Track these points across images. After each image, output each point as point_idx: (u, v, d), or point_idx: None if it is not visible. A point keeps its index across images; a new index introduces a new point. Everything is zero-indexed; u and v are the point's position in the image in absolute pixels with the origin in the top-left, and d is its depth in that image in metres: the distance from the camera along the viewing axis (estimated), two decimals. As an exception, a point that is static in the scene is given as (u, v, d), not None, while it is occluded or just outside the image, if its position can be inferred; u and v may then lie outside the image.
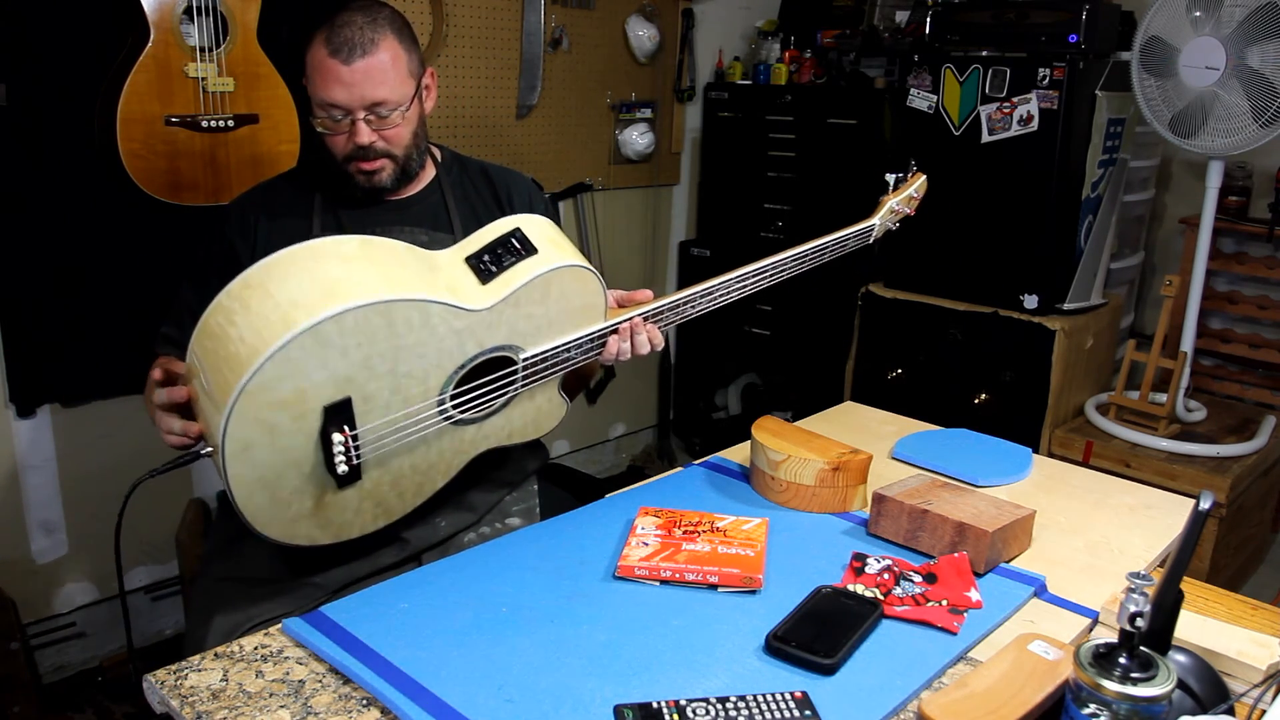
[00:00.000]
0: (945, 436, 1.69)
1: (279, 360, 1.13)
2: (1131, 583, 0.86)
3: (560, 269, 1.33)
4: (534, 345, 1.33)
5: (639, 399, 3.81)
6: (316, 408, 1.19)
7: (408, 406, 1.26)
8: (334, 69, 1.38)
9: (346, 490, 1.25)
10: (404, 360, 1.23)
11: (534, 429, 1.42)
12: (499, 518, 1.59)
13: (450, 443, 1.32)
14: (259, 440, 1.16)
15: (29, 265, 2.15)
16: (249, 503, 1.19)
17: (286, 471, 1.20)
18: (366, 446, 1.24)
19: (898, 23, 3.32)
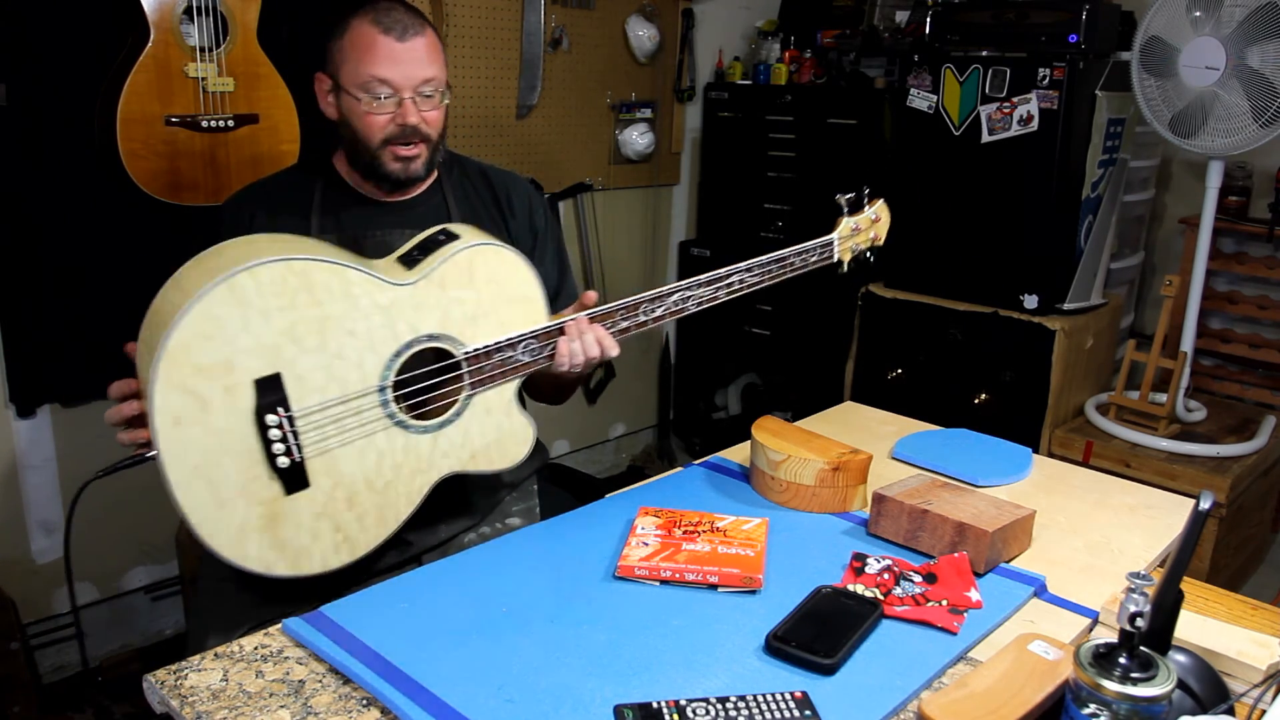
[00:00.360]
0: (945, 436, 1.69)
1: (198, 315, 1.13)
2: (1131, 583, 0.86)
3: (481, 245, 1.31)
4: (474, 338, 1.31)
5: (639, 399, 3.81)
6: (246, 380, 1.17)
7: (345, 390, 1.23)
8: (387, 45, 1.39)
9: (297, 500, 1.21)
10: (332, 335, 1.21)
11: (499, 453, 1.35)
12: (499, 518, 1.59)
13: (405, 457, 1.27)
14: (190, 414, 1.13)
15: (29, 265, 2.16)
16: (188, 494, 1.14)
17: (224, 461, 1.17)
18: (306, 435, 1.21)
19: (898, 23, 3.32)
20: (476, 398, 1.32)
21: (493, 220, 1.60)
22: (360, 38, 1.40)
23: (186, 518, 1.16)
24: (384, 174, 1.47)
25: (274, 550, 1.20)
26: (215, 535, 1.17)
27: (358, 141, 1.45)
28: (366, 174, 1.49)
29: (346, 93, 1.43)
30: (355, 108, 1.43)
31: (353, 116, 1.44)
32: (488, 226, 1.58)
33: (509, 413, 1.36)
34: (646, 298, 1.42)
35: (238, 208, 1.51)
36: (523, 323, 1.34)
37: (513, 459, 1.36)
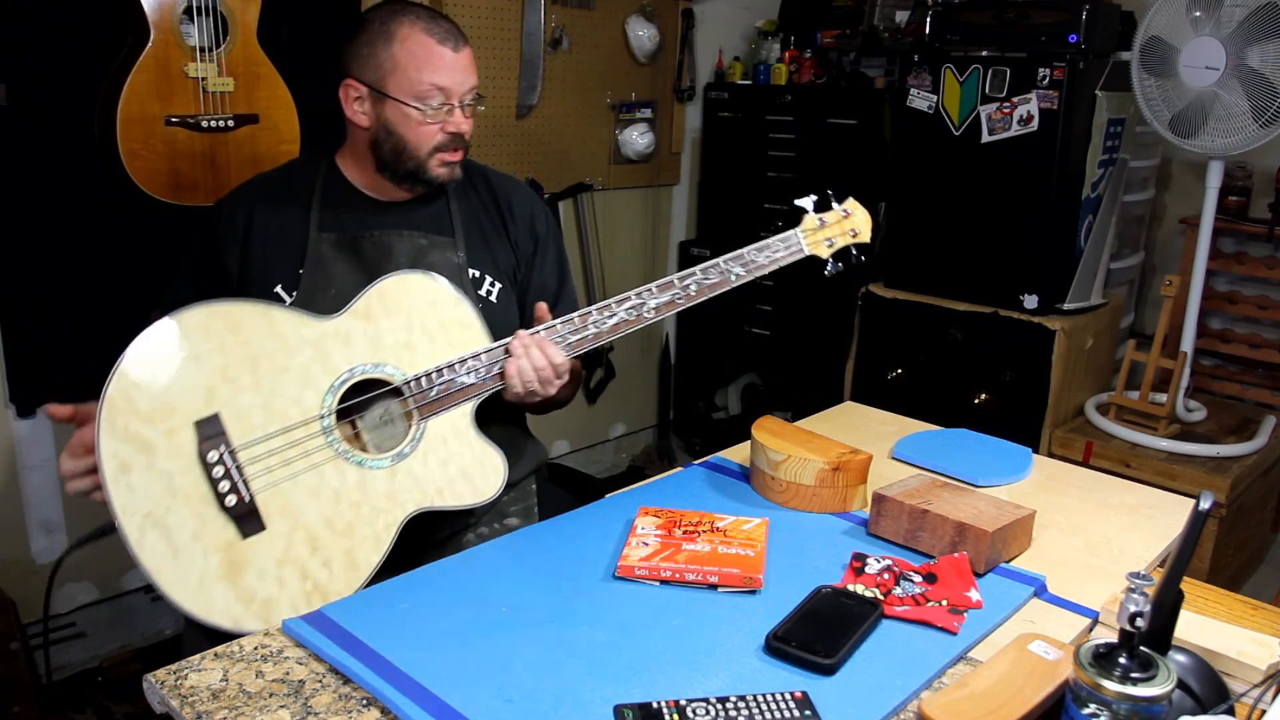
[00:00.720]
0: (945, 436, 1.69)
1: (131, 363, 1.20)
2: (1131, 583, 0.86)
3: (402, 274, 1.34)
4: (412, 366, 1.31)
5: (639, 399, 3.81)
6: (187, 423, 1.20)
7: (287, 425, 1.24)
8: (443, 55, 1.41)
9: (256, 544, 1.20)
10: (265, 373, 1.25)
11: (468, 487, 1.32)
12: (497, 518, 1.59)
13: (364, 494, 1.26)
14: (135, 460, 1.18)
15: (29, 265, 2.16)
16: (143, 545, 1.16)
17: (175, 505, 1.19)
18: (252, 472, 1.22)
19: (898, 23, 3.32)
20: (430, 428, 1.31)
21: (493, 224, 1.59)
22: (417, 46, 1.40)
23: (146, 570, 1.17)
24: (428, 179, 1.47)
25: (240, 602, 1.19)
26: (176, 587, 1.17)
27: (403, 149, 1.44)
28: (400, 178, 1.48)
29: (396, 101, 1.42)
30: (407, 117, 1.42)
31: (401, 125, 1.43)
32: (488, 230, 1.58)
33: (469, 441, 1.32)
34: (595, 309, 1.40)
35: (232, 212, 1.51)
36: (462, 346, 1.34)
37: (486, 493, 1.31)
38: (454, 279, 1.50)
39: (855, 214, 1.54)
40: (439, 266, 1.50)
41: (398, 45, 1.41)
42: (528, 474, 1.64)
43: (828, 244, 1.51)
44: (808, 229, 1.50)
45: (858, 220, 1.54)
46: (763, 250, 1.46)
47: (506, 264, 1.58)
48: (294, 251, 1.46)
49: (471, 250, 1.54)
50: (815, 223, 1.50)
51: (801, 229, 1.50)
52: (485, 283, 1.54)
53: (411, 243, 1.50)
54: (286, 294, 1.45)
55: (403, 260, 1.48)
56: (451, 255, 1.52)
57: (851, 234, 1.53)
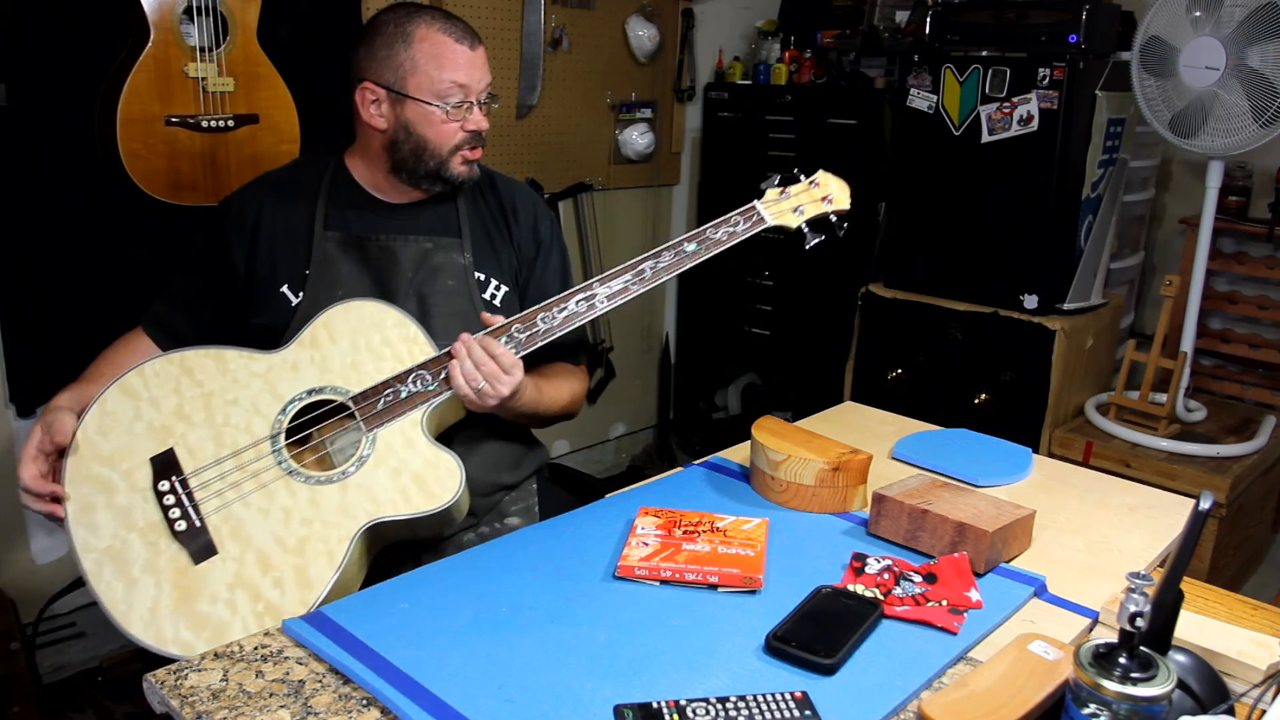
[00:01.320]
0: (945, 436, 1.69)
1: (96, 413, 1.28)
2: (1131, 583, 0.86)
3: (339, 305, 1.37)
4: (360, 384, 1.33)
5: (639, 399, 3.81)
6: (143, 461, 1.26)
7: (237, 450, 1.28)
8: (462, 53, 1.43)
9: (208, 570, 1.22)
10: (217, 408, 1.31)
11: (421, 493, 1.29)
12: (498, 518, 1.59)
13: (315, 510, 1.26)
14: (97, 500, 1.24)
15: (29, 265, 2.16)
16: (99, 579, 1.21)
17: (130, 538, 1.22)
18: (203, 498, 1.25)
19: (898, 23, 3.32)
20: (380, 439, 1.31)
21: (498, 227, 1.60)
22: (436, 46, 1.41)
23: (101, 604, 1.20)
24: (448, 178, 1.47)
25: (191, 628, 1.20)
26: (130, 618, 1.19)
27: (424, 149, 1.45)
28: (420, 179, 1.48)
29: (417, 101, 1.42)
30: (429, 116, 1.43)
31: (422, 125, 1.43)
32: (493, 233, 1.59)
33: (419, 448, 1.32)
34: (542, 307, 1.40)
35: (241, 210, 1.51)
36: (409, 361, 1.36)
37: (441, 497, 1.29)
38: (460, 280, 1.51)
39: (825, 182, 1.50)
40: (445, 268, 1.50)
41: (417, 46, 1.42)
42: (529, 475, 1.65)
43: (796, 212, 1.47)
44: (769, 200, 1.48)
45: (830, 188, 1.49)
46: (720, 225, 1.45)
47: (510, 266, 1.59)
48: (300, 251, 1.47)
49: (478, 252, 1.54)
50: (777, 194, 1.48)
51: (762, 200, 1.48)
52: (490, 285, 1.55)
53: (417, 246, 1.50)
54: (293, 294, 1.46)
55: (408, 263, 1.48)
56: (458, 256, 1.52)
57: (825, 200, 1.48)
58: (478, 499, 1.54)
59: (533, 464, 1.65)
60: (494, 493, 1.57)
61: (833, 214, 1.49)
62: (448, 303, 1.49)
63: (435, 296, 1.48)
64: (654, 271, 1.42)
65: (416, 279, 1.48)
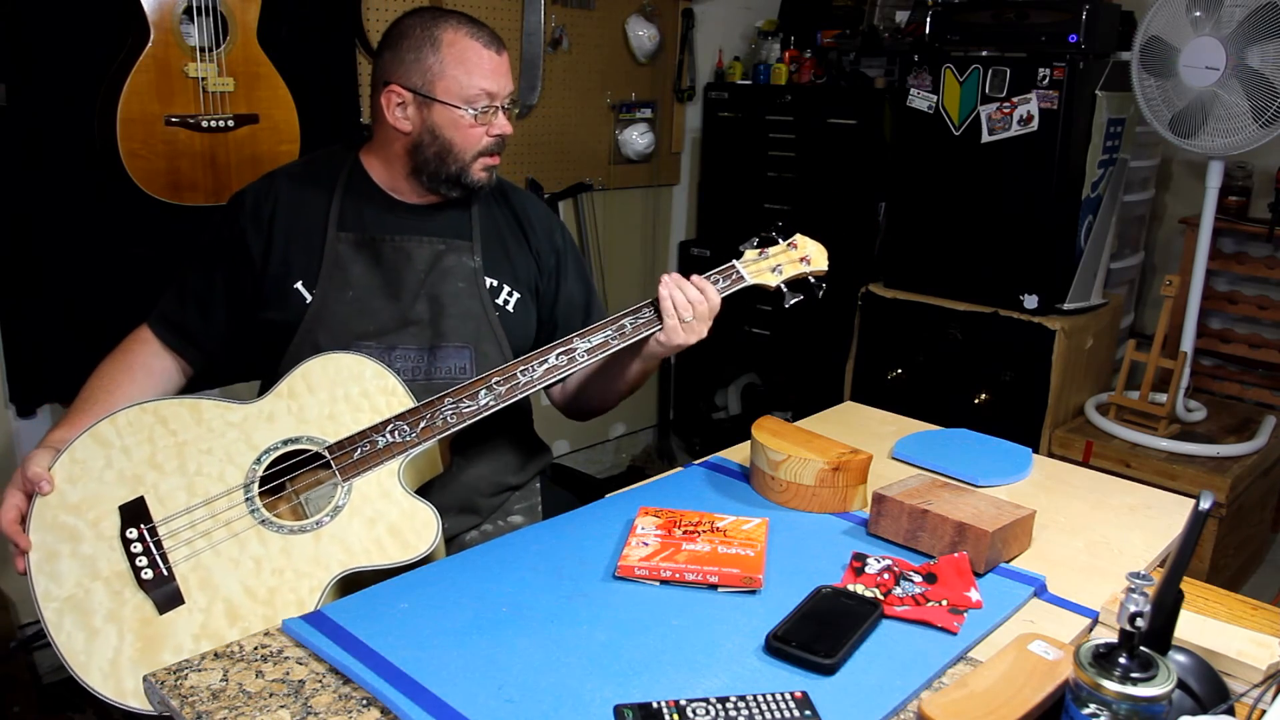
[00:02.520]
0: (945, 436, 1.69)
1: (65, 462, 1.26)
2: (1131, 583, 0.86)
3: (321, 356, 1.36)
4: (337, 434, 1.32)
5: (639, 399, 3.81)
6: (112, 509, 1.24)
7: (209, 498, 1.26)
8: (490, 58, 1.43)
9: (174, 620, 1.19)
10: (190, 457, 1.28)
11: (396, 543, 1.27)
12: (502, 515, 1.59)
13: (287, 560, 1.24)
14: (62, 548, 1.21)
15: (29, 265, 2.16)
16: (60, 629, 1.17)
17: (94, 587, 1.19)
18: (172, 546, 1.22)
19: (898, 23, 3.32)
20: (356, 489, 1.30)
21: (514, 235, 1.60)
22: (464, 51, 1.42)
23: (61, 655, 1.16)
24: (469, 183, 1.48)
25: None
26: (89, 670, 1.16)
27: (449, 153, 1.45)
28: (440, 183, 1.48)
29: (446, 105, 1.42)
30: (456, 121, 1.43)
31: (449, 129, 1.44)
32: (508, 240, 1.59)
33: (395, 499, 1.31)
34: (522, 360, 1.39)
35: (259, 195, 1.50)
36: (386, 412, 1.34)
37: (416, 548, 1.27)
38: (470, 283, 1.51)
39: (802, 245, 1.53)
40: (455, 270, 1.50)
41: (445, 50, 1.42)
42: (534, 475, 1.65)
43: (774, 272, 1.50)
44: (747, 260, 1.50)
45: (807, 250, 1.53)
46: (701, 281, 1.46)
47: (527, 275, 1.59)
48: (314, 248, 1.47)
49: (489, 258, 1.54)
50: (756, 254, 1.51)
51: (741, 260, 1.50)
52: (503, 291, 1.55)
53: (430, 248, 1.50)
54: (307, 291, 1.45)
55: (421, 265, 1.48)
56: (468, 259, 1.52)
57: (803, 262, 1.52)
58: (483, 499, 1.54)
59: (538, 465, 1.65)
60: (500, 493, 1.58)
61: (811, 275, 1.53)
62: (458, 304, 1.49)
63: (446, 298, 1.49)
64: (634, 327, 1.42)
65: (429, 280, 1.48)
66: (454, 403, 1.36)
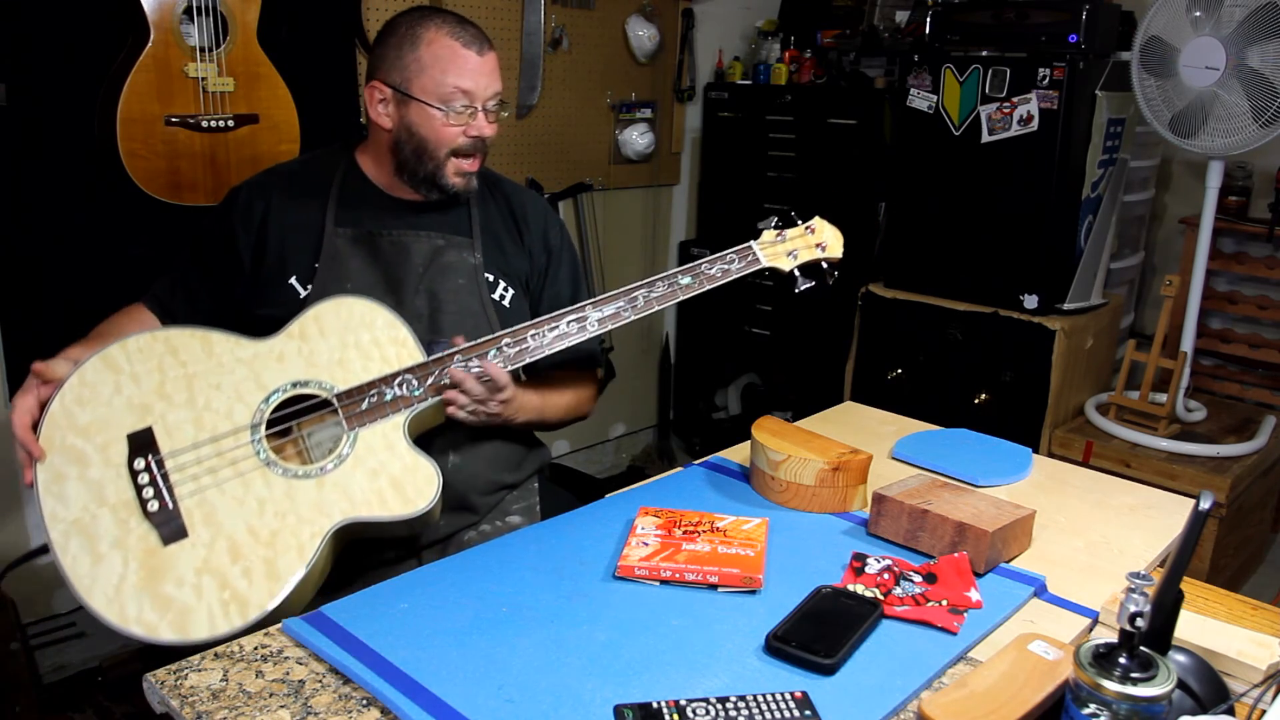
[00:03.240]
0: (945, 436, 1.69)
1: (74, 383, 1.27)
2: (1131, 583, 0.86)
3: (334, 299, 1.37)
4: (345, 382, 1.33)
5: (639, 399, 3.81)
6: (120, 436, 1.25)
7: (216, 435, 1.28)
8: (469, 58, 1.42)
9: (177, 552, 1.21)
10: (199, 391, 1.29)
11: (397, 497, 1.29)
12: (500, 515, 1.59)
13: (290, 504, 1.26)
14: (69, 471, 1.23)
15: (29, 264, 2.15)
16: (66, 551, 1.19)
17: (100, 514, 1.21)
18: (178, 480, 1.24)
19: (898, 23, 3.32)
20: (361, 438, 1.31)
21: (508, 231, 1.61)
22: (442, 49, 1.42)
23: (65, 576, 1.18)
24: (442, 185, 1.48)
25: (156, 610, 1.18)
26: (94, 593, 1.18)
27: (423, 151, 1.45)
28: (423, 184, 1.49)
29: (420, 103, 1.43)
30: (430, 118, 1.43)
31: (423, 127, 1.44)
32: (503, 236, 1.59)
33: (399, 452, 1.32)
34: (533, 324, 1.40)
35: (249, 202, 1.51)
36: (396, 363, 1.35)
37: (416, 503, 1.29)
38: (470, 279, 1.51)
39: (820, 229, 1.54)
40: (455, 267, 1.51)
41: (424, 48, 1.43)
42: (530, 474, 1.65)
43: (790, 256, 1.50)
44: (765, 242, 1.51)
45: (824, 235, 1.53)
46: (715, 262, 1.47)
47: (519, 271, 1.60)
48: (310, 244, 1.47)
49: (488, 253, 1.55)
50: (774, 236, 1.51)
51: (758, 241, 1.51)
52: (499, 286, 1.55)
53: (429, 243, 1.50)
54: (301, 286, 1.46)
55: (419, 260, 1.49)
56: (468, 256, 1.53)
57: (819, 248, 1.52)
58: (480, 497, 1.54)
59: (534, 463, 1.65)
60: (496, 491, 1.58)
61: (825, 261, 1.53)
62: (457, 300, 1.49)
63: (445, 294, 1.49)
64: (646, 301, 1.42)
65: (427, 275, 1.49)
66: (464, 361, 1.37)
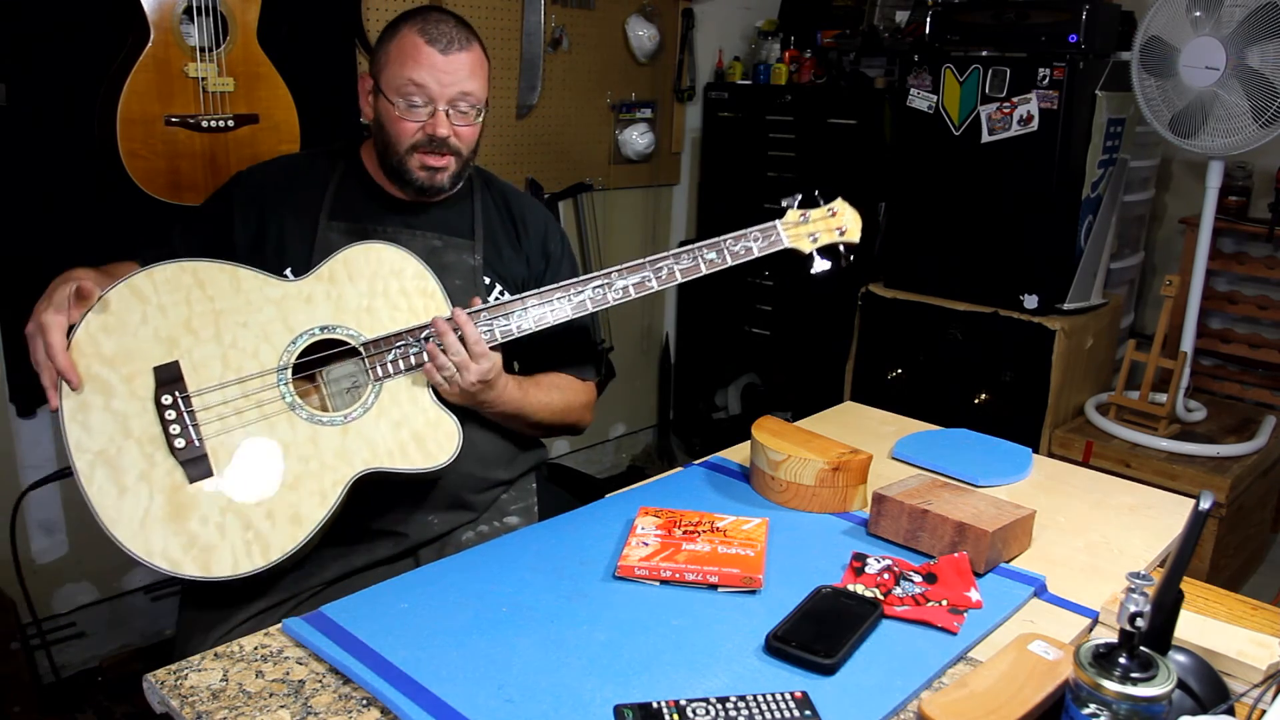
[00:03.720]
0: (945, 436, 1.69)
1: (99, 310, 1.25)
2: (1131, 583, 0.86)
3: (367, 244, 1.37)
4: (372, 330, 1.34)
5: (639, 399, 3.81)
6: (146, 368, 1.24)
7: (243, 376, 1.27)
8: (429, 55, 1.42)
9: (201, 489, 1.23)
10: (226, 328, 1.29)
11: (419, 450, 1.32)
12: (497, 516, 1.59)
13: (314, 449, 1.27)
14: (94, 401, 1.22)
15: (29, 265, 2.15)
16: (92, 480, 1.20)
17: (127, 446, 1.21)
18: (205, 419, 1.24)
19: (898, 23, 3.32)
20: (385, 389, 1.32)
21: (507, 235, 1.62)
22: (405, 44, 1.43)
23: (91, 505, 1.19)
24: (409, 180, 1.48)
25: (180, 545, 1.20)
26: (119, 525, 1.19)
27: (388, 145, 1.47)
28: (393, 177, 1.50)
29: (384, 96, 1.45)
30: (389, 111, 1.45)
31: (386, 120, 1.46)
32: (501, 240, 1.60)
33: (424, 406, 1.34)
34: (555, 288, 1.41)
35: (255, 181, 1.52)
36: (424, 315, 1.36)
37: (437, 458, 1.32)
38: (468, 280, 1.51)
39: (842, 212, 1.54)
40: (454, 268, 1.51)
41: (393, 42, 1.45)
42: (527, 471, 1.64)
43: (811, 238, 1.51)
44: (789, 222, 1.51)
45: (845, 218, 1.54)
46: (740, 239, 1.47)
47: (515, 276, 1.60)
48: (306, 237, 1.48)
49: (489, 256, 1.56)
50: (798, 216, 1.52)
51: (782, 221, 1.51)
52: (495, 290, 1.56)
53: (425, 242, 1.50)
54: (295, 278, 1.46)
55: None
56: (468, 257, 1.53)
57: (839, 232, 1.53)
58: (473, 495, 1.53)
59: (529, 460, 1.64)
60: (490, 489, 1.57)
61: (843, 245, 1.54)
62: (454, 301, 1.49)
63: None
64: (669, 273, 1.43)
65: None
66: (490, 318, 1.38)
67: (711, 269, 1.44)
